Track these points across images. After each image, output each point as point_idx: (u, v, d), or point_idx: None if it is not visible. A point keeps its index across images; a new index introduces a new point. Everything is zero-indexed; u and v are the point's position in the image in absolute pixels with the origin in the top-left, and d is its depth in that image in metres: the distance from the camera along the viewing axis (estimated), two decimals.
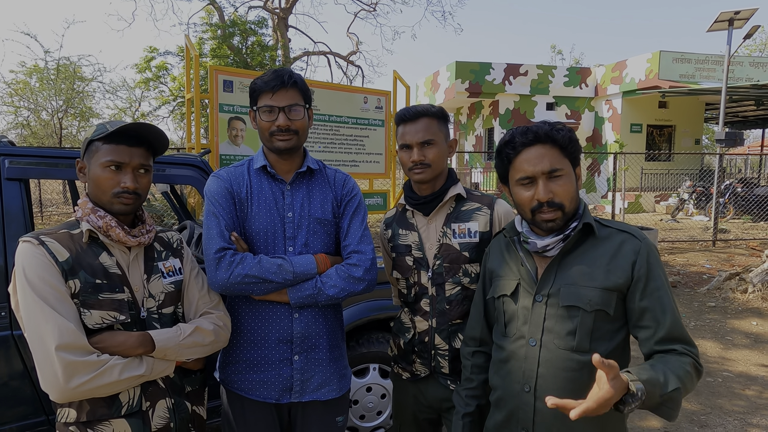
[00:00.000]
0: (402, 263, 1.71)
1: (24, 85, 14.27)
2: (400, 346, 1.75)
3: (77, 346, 1.17)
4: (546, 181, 1.22)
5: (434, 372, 1.67)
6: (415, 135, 1.59)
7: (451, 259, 1.62)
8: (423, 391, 1.71)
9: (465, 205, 1.67)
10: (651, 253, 1.21)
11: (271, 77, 1.49)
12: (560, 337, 1.23)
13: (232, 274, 1.42)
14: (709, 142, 25.39)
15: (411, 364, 1.71)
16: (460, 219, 1.64)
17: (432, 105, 1.64)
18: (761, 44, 27.05)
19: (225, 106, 4.89)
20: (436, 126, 1.62)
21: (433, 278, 1.64)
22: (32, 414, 1.84)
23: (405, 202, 1.73)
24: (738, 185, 12.40)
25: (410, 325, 1.71)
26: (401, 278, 1.72)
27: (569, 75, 15.79)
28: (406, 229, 1.71)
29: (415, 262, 1.67)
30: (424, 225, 1.68)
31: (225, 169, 1.57)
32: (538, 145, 1.24)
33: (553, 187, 1.22)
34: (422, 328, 1.67)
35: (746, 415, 3.23)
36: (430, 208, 1.66)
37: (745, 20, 8.91)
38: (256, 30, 14.58)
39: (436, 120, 1.62)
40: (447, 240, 1.63)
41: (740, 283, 6.00)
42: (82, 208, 1.31)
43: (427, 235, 1.67)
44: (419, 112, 1.60)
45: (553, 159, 1.23)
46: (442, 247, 1.63)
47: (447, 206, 1.67)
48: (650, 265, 1.20)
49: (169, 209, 7.99)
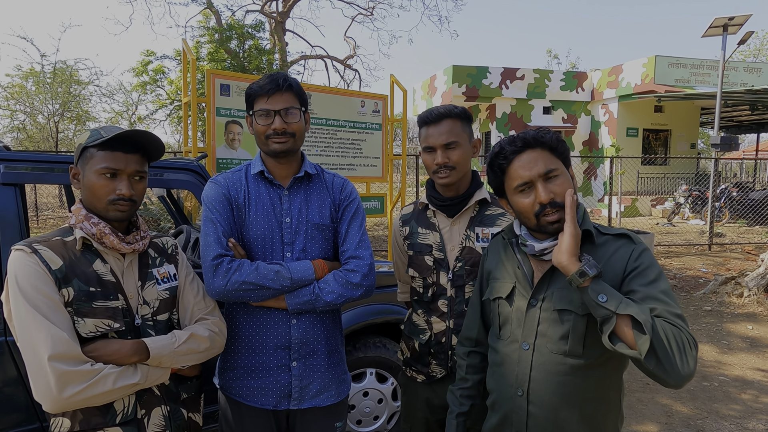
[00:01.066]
0: (420, 262, 1.70)
1: (20, 89, 14.23)
2: (415, 348, 1.74)
3: (70, 355, 1.16)
4: (544, 183, 1.23)
5: (451, 372, 1.66)
6: (438, 137, 1.58)
7: (473, 263, 1.62)
8: (438, 392, 1.70)
9: (489, 209, 1.66)
10: (645, 252, 1.20)
11: (266, 81, 1.49)
12: (553, 341, 1.23)
13: (230, 281, 1.42)
14: (705, 147, 25.52)
15: (427, 366, 1.71)
16: (484, 223, 1.64)
17: (455, 106, 1.62)
18: (755, 50, 27.26)
19: (222, 110, 4.89)
20: (460, 127, 1.60)
21: (453, 280, 1.64)
22: (26, 421, 1.82)
23: (428, 201, 1.71)
24: (733, 189, 12.45)
25: (425, 326, 1.70)
26: (418, 277, 1.71)
27: (566, 79, 15.85)
28: (427, 229, 1.70)
29: (435, 263, 1.67)
30: (447, 226, 1.68)
31: (222, 175, 1.57)
32: (528, 151, 1.25)
33: (551, 188, 1.23)
34: (439, 328, 1.67)
35: (742, 420, 3.23)
36: (455, 211, 1.66)
37: (740, 26, 8.98)
38: (253, 34, 14.59)
39: (459, 121, 1.61)
40: (470, 243, 1.63)
41: (736, 287, 6.01)
42: (75, 215, 1.30)
43: (449, 237, 1.67)
44: (442, 114, 1.59)
45: (547, 160, 1.23)
46: (465, 250, 1.63)
47: (471, 209, 1.67)
48: (643, 260, 1.18)
49: (165, 213, 7.97)
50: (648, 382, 3.79)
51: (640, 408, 3.40)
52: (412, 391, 1.78)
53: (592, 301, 1.10)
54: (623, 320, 1.06)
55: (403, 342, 1.82)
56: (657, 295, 1.11)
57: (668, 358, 1.03)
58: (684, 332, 1.06)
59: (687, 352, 1.04)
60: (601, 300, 1.08)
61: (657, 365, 1.03)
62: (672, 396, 3.58)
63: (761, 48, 27.38)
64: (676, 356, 1.03)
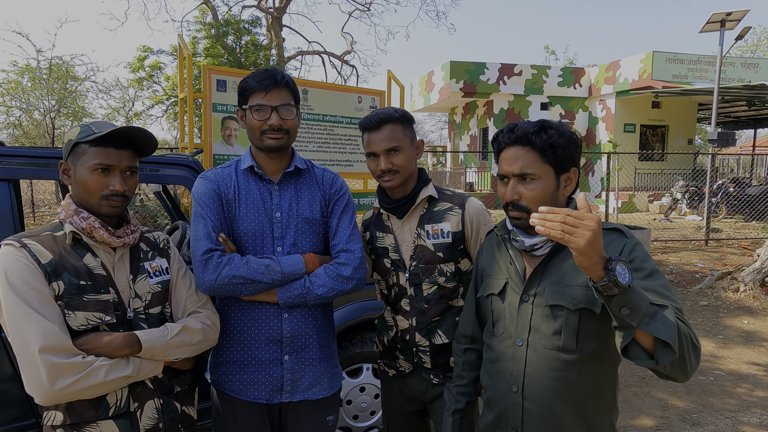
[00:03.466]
0: (381, 265, 1.74)
1: (16, 85, 14.15)
2: (384, 343, 1.79)
3: (61, 348, 1.16)
4: (516, 182, 1.24)
5: (417, 367, 1.70)
6: (380, 143, 1.60)
7: (427, 260, 1.65)
8: (408, 385, 1.76)
9: (437, 205, 1.68)
10: (638, 246, 1.20)
11: (263, 76, 1.49)
12: (546, 336, 1.23)
13: (220, 276, 1.42)
14: (702, 142, 25.56)
15: (395, 360, 1.76)
16: (433, 220, 1.66)
17: (396, 109, 1.63)
18: (753, 45, 27.26)
19: (218, 106, 4.87)
20: (401, 131, 1.63)
21: (410, 279, 1.67)
22: (21, 417, 1.82)
23: (379, 205, 1.75)
24: (730, 185, 12.48)
25: (393, 323, 1.74)
26: (381, 279, 1.76)
27: (563, 75, 15.84)
28: (383, 232, 1.74)
29: (393, 264, 1.70)
30: (399, 227, 1.71)
31: (212, 171, 1.57)
32: (516, 146, 1.25)
33: (521, 190, 1.23)
34: (403, 326, 1.70)
35: (737, 413, 3.25)
36: (403, 211, 1.68)
37: (737, 21, 8.98)
38: (249, 29, 14.53)
39: (400, 125, 1.63)
40: (421, 241, 1.66)
41: (732, 282, 6.04)
42: (65, 210, 1.30)
43: (402, 238, 1.70)
44: (382, 120, 1.61)
45: (527, 162, 1.23)
46: (417, 249, 1.66)
47: (420, 208, 1.69)
48: (637, 253, 1.18)
49: (161, 209, 7.95)
50: (644, 376, 3.81)
51: (636, 402, 3.42)
52: (387, 383, 1.84)
53: (613, 311, 1.01)
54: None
55: (377, 336, 1.88)
56: (657, 289, 1.10)
57: (684, 362, 1.03)
58: (691, 329, 1.06)
59: (697, 351, 1.05)
60: (624, 314, 0.99)
61: (673, 369, 1.03)
62: (667, 390, 3.59)
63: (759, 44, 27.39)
64: (692, 359, 1.04)
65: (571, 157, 1.27)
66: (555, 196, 1.26)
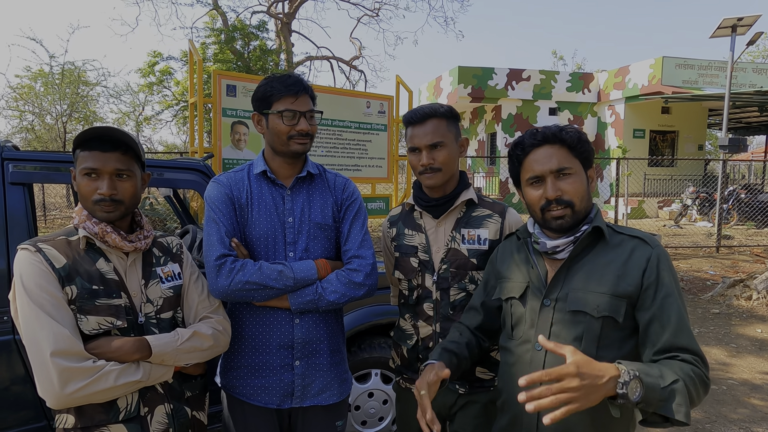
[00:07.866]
0: (406, 264, 1.67)
1: (29, 90, 14.37)
2: (404, 354, 1.70)
3: (72, 352, 1.17)
4: (554, 179, 1.23)
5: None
6: (423, 138, 1.55)
7: (459, 265, 1.59)
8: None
9: (476, 210, 1.63)
10: (662, 260, 1.19)
11: (291, 82, 1.49)
12: (566, 342, 1.21)
13: (233, 281, 1.42)
14: (713, 148, 25.33)
15: (416, 372, 1.66)
16: (471, 225, 1.61)
17: (441, 104, 1.59)
18: (764, 51, 27.00)
19: (228, 111, 4.90)
20: (445, 127, 1.58)
21: (438, 282, 1.60)
22: (33, 419, 1.83)
23: (414, 202, 1.68)
24: (741, 191, 12.34)
25: (412, 331, 1.67)
26: (403, 279, 1.68)
27: (572, 80, 15.79)
28: (413, 230, 1.67)
29: (420, 264, 1.64)
30: (432, 227, 1.65)
31: (225, 175, 1.57)
32: (546, 146, 1.26)
33: (561, 185, 1.23)
34: (426, 333, 1.63)
35: (750, 424, 3.20)
36: (440, 211, 1.62)
37: (748, 27, 8.92)
38: (258, 34, 14.64)
39: (445, 120, 1.58)
40: (455, 245, 1.60)
41: (744, 289, 5.96)
42: (78, 215, 1.31)
43: (435, 238, 1.64)
44: (427, 114, 1.56)
45: (562, 158, 1.24)
46: (450, 252, 1.60)
47: (458, 210, 1.64)
48: (660, 272, 1.17)
49: (171, 213, 8.01)
50: None
51: None
52: (406, 399, 1.72)
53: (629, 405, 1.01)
54: None
55: (393, 350, 1.79)
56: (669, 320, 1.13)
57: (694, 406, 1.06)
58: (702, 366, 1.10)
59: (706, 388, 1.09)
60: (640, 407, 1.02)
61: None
62: None
63: None
64: (701, 399, 1.09)
65: (592, 155, 1.30)
66: (588, 191, 1.27)
